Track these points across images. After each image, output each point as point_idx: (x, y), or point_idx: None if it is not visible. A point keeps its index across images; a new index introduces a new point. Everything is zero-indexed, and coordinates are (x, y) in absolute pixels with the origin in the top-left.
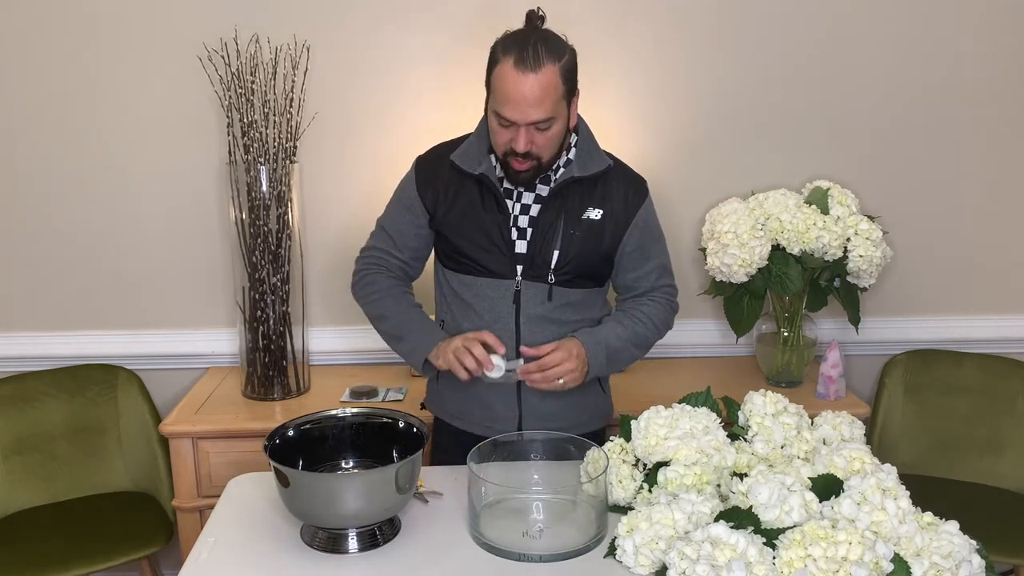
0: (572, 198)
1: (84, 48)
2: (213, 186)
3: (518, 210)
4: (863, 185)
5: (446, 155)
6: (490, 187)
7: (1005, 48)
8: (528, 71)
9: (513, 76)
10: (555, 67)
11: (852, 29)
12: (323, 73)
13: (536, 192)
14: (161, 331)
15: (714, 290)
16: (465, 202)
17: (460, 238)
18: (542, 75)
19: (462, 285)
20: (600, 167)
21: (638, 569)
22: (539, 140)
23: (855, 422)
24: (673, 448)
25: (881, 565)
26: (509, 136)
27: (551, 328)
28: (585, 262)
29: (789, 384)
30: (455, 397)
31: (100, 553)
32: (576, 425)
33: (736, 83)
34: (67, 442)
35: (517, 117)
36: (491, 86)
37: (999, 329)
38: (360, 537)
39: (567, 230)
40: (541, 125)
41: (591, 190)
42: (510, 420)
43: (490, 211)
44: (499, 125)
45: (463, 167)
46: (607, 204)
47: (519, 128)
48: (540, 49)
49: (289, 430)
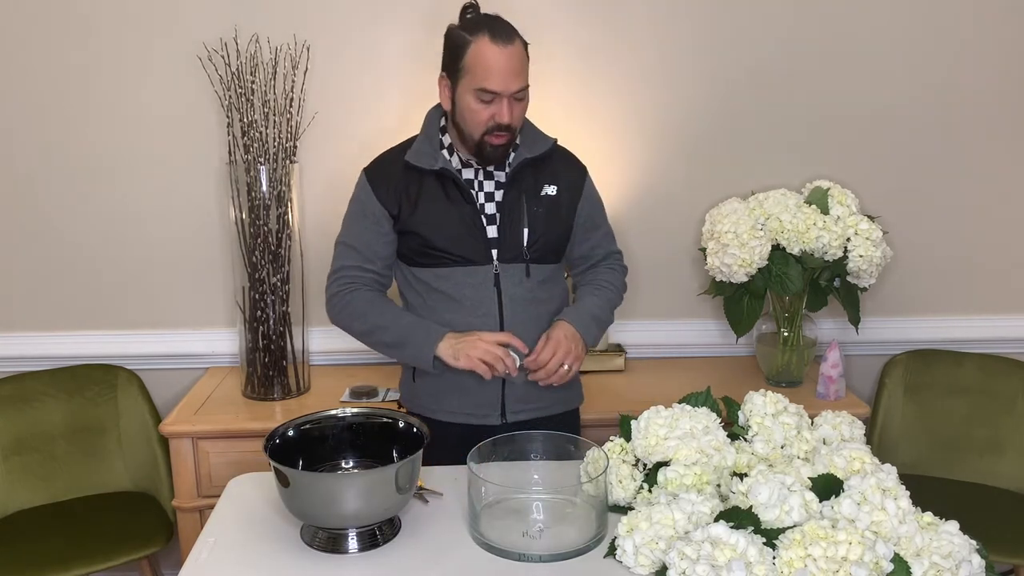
0: (527, 178)
1: (84, 48)
2: (213, 186)
3: (483, 198)
4: (863, 185)
5: (394, 159)
6: (454, 180)
7: (1005, 48)
8: (507, 43)
9: (494, 50)
10: (520, 41)
11: (852, 29)
12: (323, 73)
13: (495, 179)
14: (161, 331)
15: (714, 290)
16: (429, 198)
17: (432, 233)
18: (517, 46)
19: (438, 279)
20: (547, 146)
21: (638, 569)
22: (517, 111)
23: (855, 422)
24: (673, 448)
25: (881, 565)
26: (491, 111)
27: (531, 307)
28: (552, 237)
29: (789, 384)
30: (433, 390)
31: (100, 553)
32: (552, 404)
33: (736, 83)
34: (67, 442)
35: (502, 88)
36: (465, 68)
37: (999, 329)
38: (360, 537)
39: (531, 208)
40: (519, 94)
41: (542, 169)
42: (493, 406)
43: (456, 203)
44: (480, 103)
45: (421, 165)
46: (558, 180)
47: (503, 100)
48: (506, 27)
49: (289, 430)
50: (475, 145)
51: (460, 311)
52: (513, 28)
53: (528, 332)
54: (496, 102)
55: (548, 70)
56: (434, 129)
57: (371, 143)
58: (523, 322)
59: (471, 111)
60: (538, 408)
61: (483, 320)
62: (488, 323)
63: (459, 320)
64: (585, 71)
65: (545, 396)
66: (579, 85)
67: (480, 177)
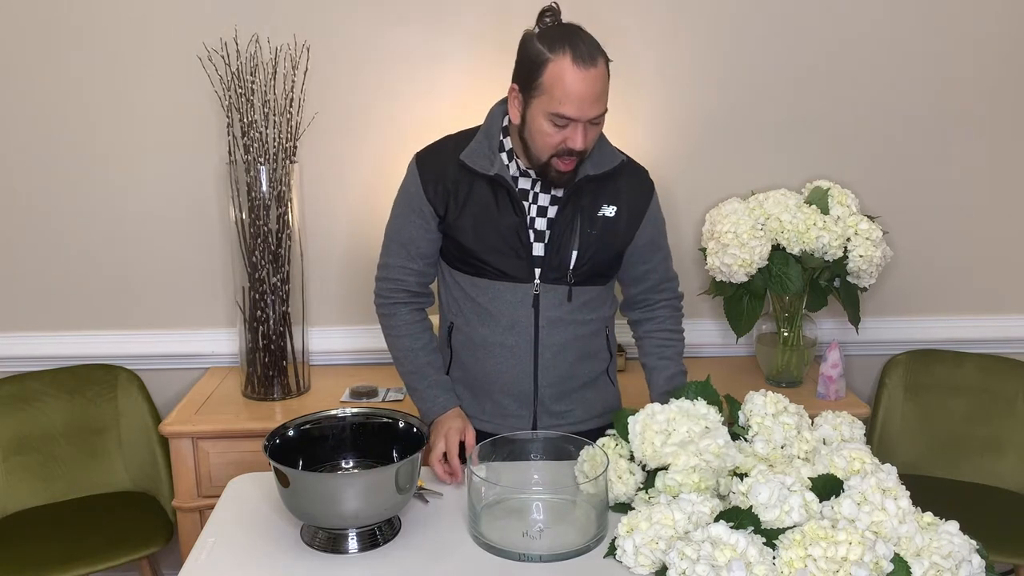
0: (586, 196)
1: (84, 48)
2: (213, 186)
3: (535, 212)
4: (863, 185)
5: (450, 152)
6: (507, 188)
7: (1005, 48)
8: (590, 66)
9: (575, 73)
10: (604, 62)
11: (853, 29)
12: (323, 73)
13: (551, 193)
14: (161, 331)
15: (714, 290)
16: (478, 204)
17: (475, 242)
18: (600, 68)
19: (476, 288)
20: (613, 164)
21: (638, 569)
22: (591, 136)
23: (855, 422)
24: (671, 454)
25: (881, 565)
26: (564, 136)
27: (569, 329)
28: (600, 260)
29: (789, 384)
30: (466, 395)
31: (100, 553)
32: (587, 419)
33: (736, 83)
34: (67, 442)
35: (579, 115)
36: (541, 87)
37: (999, 329)
38: (360, 537)
39: (584, 229)
40: (596, 120)
41: (603, 187)
42: (524, 419)
43: (506, 214)
44: (553, 126)
45: (475, 167)
46: (620, 200)
47: (578, 126)
48: (590, 46)
49: (289, 430)
50: (540, 167)
51: (495, 327)
52: (597, 45)
53: (563, 353)
54: (571, 127)
55: None
56: (496, 128)
57: (371, 143)
58: (558, 343)
59: (542, 133)
60: (571, 424)
61: (517, 339)
62: (522, 342)
63: (492, 336)
64: None
65: (578, 411)
66: None
67: (536, 188)
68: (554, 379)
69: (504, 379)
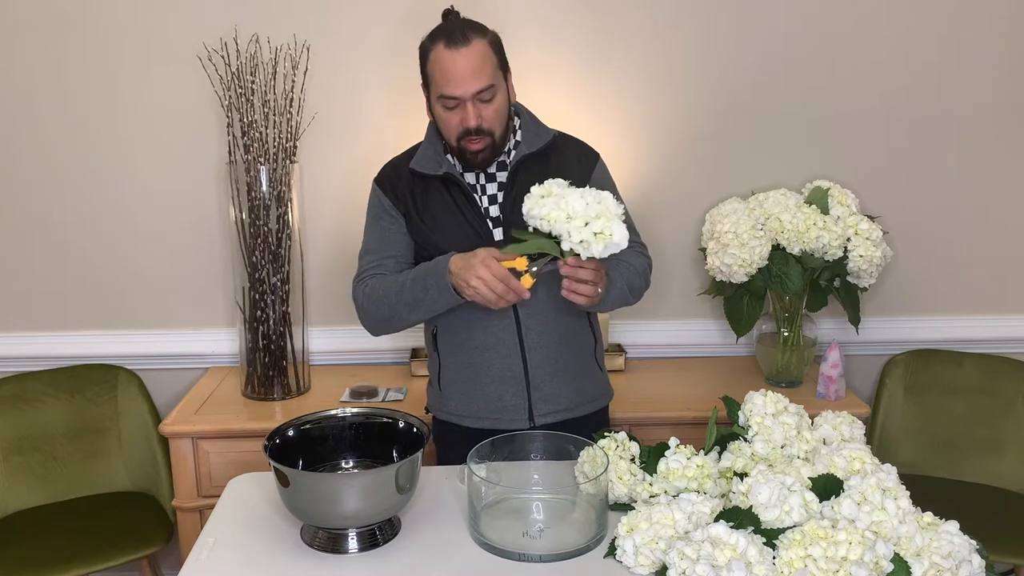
0: (530, 175)
1: (84, 48)
2: (213, 186)
3: (486, 202)
4: (863, 185)
5: (401, 166)
6: (458, 184)
7: (1006, 48)
8: (461, 45)
9: (448, 55)
10: (483, 40)
11: (853, 29)
12: (323, 73)
13: (497, 181)
14: (161, 331)
15: (714, 290)
16: (436, 204)
17: (440, 238)
18: (473, 47)
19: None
20: (547, 138)
21: (638, 569)
22: (487, 113)
23: (855, 422)
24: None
25: (881, 565)
26: (458, 117)
27: (549, 309)
28: None
29: (789, 384)
30: (459, 396)
31: (100, 553)
32: (580, 405)
33: (736, 83)
34: (67, 442)
35: (461, 91)
36: (430, 78)
37: (999, 329)
38: (360, 537)
39: None
40: (484, 95)
41: (545, 164)
42: (520, 409)
43: (462, 207)
44: (446, 110)
45: (425, 171)
46: (567, 171)
47: (466, 104)
48: (465, 29)
49: (289, 430)
50: (458, 153)
51: (477, 321)
52: (475, 26)
53: (547, 333)
54: (461, 107)
55: (549, 71)
56: (436, 134)
57: (371, 143)
58: (541, 325)
59: (441, 120)
60: (567, 410)
61: (500, 329)
62: (506, 332)
63: (476, 331)
64: (586, 72)
65: (571, 396)
66: (580, 85)
67: (482, 181)
68: (543, 359)
69: (494, 370)
